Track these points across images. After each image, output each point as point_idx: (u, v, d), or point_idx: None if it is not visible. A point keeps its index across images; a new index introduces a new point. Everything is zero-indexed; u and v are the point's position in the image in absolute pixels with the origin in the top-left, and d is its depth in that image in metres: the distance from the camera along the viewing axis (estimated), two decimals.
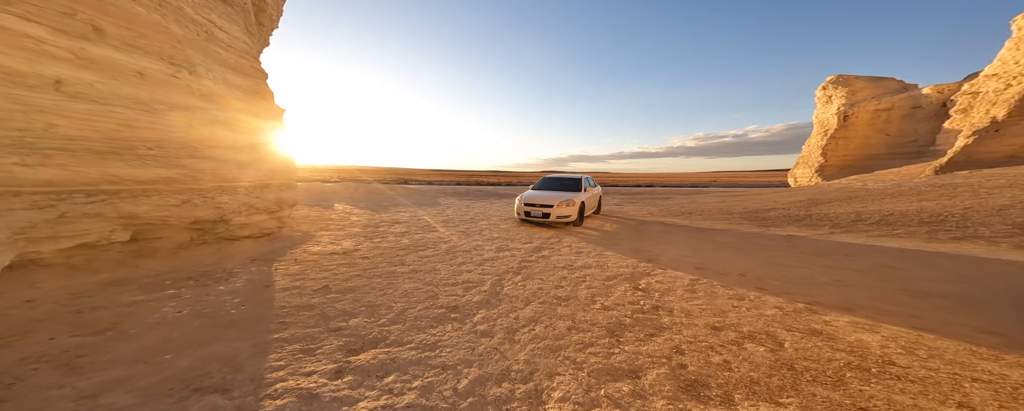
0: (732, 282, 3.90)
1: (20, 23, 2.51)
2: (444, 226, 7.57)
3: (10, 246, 2.37)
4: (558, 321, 2.83)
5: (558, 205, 7.47)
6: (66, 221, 2.70)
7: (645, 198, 17.75)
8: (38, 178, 2.54)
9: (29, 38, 2.55)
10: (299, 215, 8.01)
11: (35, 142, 2.53)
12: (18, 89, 2.47)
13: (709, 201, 14.29)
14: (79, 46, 2.90)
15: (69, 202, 2.73)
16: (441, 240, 6.02)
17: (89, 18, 2.99)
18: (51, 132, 2.61)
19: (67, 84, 2.78)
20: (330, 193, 14.30)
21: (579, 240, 6.31)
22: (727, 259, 4.99)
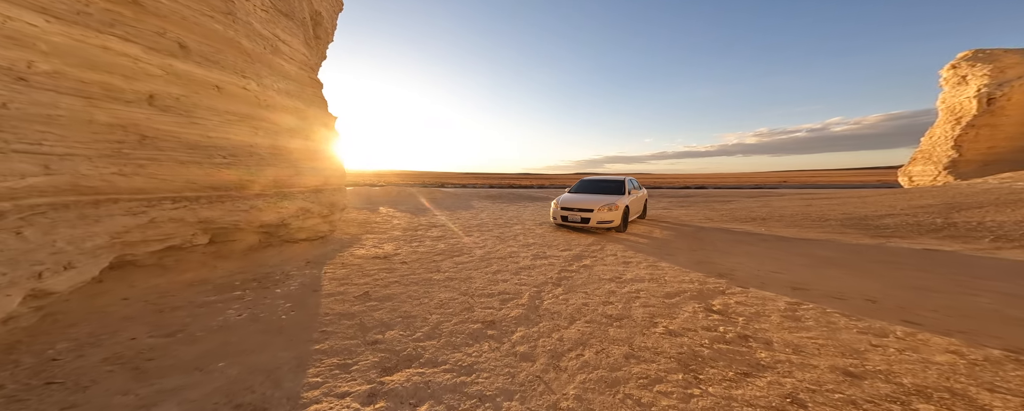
0: (857, 310, 3.10)
1: (120, 43, 2.71)
2: (479, 231, 7.48)
3: (109, 249, 2.56)
4: (612, 346, 2.50)
5: (599, 209, 7.06)
6: (155, 226, 2.91)
7: (698, 201, 16.12)
8: (132, 186, 2.74)
9: (127, 57, 2.76)
10: (349, 218, 8.39)
11: (131, 153, 2.73)
12: (118, 104, 2.67)
13: (788, 204, 12.59)
14: (168, 62, 3.11)
15: (158, 208, 2.93)
16: (475, 245, 5.93)
17: (176, 36, 3.20)
18: (144, 143, 2.80)
19: (158, 98, 2.99)
20: (375, 197, 14.95)
21: (625, 248, 5.87)
22: (837, 278, 4.11)
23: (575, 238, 6.72)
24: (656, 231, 7.69)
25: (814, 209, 10.58)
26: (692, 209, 12.56)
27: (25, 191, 2.03)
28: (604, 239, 6.65)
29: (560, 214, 7.47)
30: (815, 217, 9.09)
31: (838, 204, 11.53)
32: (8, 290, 1.82)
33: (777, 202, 13.94)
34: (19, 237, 1.90)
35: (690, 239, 6.70)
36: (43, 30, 2.26)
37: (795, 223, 8.41)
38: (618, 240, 6.56)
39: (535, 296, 3.56)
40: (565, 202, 7.57)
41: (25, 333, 2.22)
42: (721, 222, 8.97)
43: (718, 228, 8.05)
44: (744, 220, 9.27)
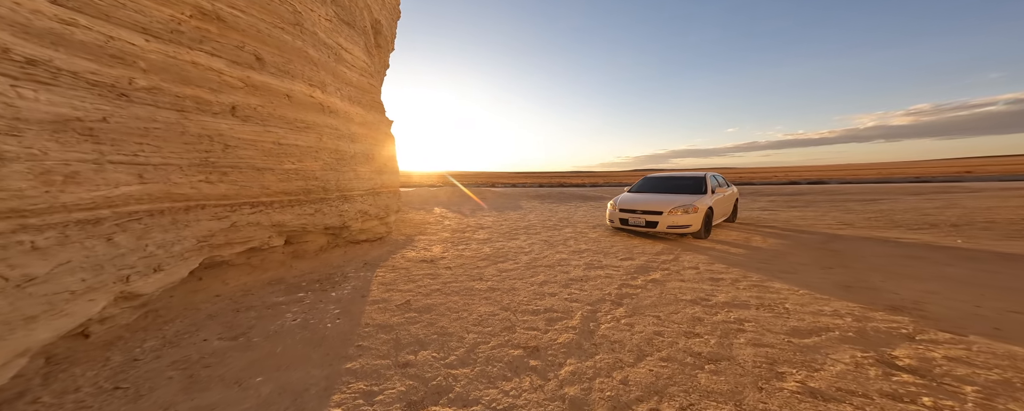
0: None
1: (207, 58, 2.85)
2: (525, 233, 7.05)
3: (197, 252, 2.71)
4: (706, 402, 1.83)
5: (671, 212, 6.02)
6: (236, 229, 3.07)
7: (820, 200, 12.42)
8: (217, 192, 2.90)
9: (213, 71, 2.89)
10: (406, 219, 8.69)
11: (216, 161, 2.89)
12: (206, 116, 2.82)
13: (999, 205, 8.94)
14: (247, 74, 3.25)
15: (239, 213, 3.10)
16: (521, 250, 5.51)
17: (253, 49, 3.34)
18: (227, 152, 2.94)
19: (239, 109, 3.13)
20: (430, 197, 15.55)
21: (710, 260, 4.83)
22: None
23: (638, 245, 5.89)
24: (756, 238, 6.21)
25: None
26: (811, 210, 9.79)
27: (121, 199, 2.16)
28: (678, 247, 5.67)
29: (618, 216, 6.64)
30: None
31: None
32: (91, 295, 1.91)
33: (971, 202, 9.91)
34: (109, 243, 2.02)
35: (818, 251, 5.13)
36: (143, 48, 2.42)
37: (1018, 233, 5.80)
38: (698, 249, 5.49)
39: (589, 317, 2.99)
40: (625, 202, 6.72)
41: (126, 330, 2.44)
42: (870, 229, 6.72)
43: (866, 237, 5.98)
44: (915, 227, 6.74)
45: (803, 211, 9.82)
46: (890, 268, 4.25)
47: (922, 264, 4.38)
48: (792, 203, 11.92)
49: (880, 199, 12.12)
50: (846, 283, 3.75)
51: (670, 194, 6.85)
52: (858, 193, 15.15)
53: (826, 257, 4.86)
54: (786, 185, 25.09)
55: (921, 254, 4.87)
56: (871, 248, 5.31)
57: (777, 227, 7.42)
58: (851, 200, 12.23)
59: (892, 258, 4.70)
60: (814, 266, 4.43)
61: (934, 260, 4.56)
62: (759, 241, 6.03)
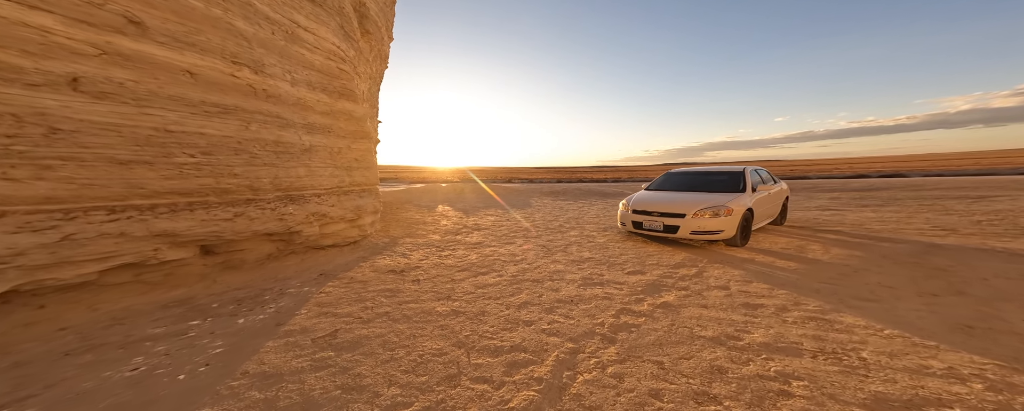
0: None
1: (21, 10, 1.99)
2: (523, 236, 5.92)
3: None
4: None
5: (696, 214, 4.66)
6: (77, 244, 2.25)
7: (903, 197, 9.84)
8: (31, 194, 2.06)
9: (33, 27, 2.03)
10: (403, 217, 7.89)
11: (28, 151, 2.05)
12: (12, 87, 1.97)
13: None
14: (107, 40, 2.40)
15: (82, 221, 2.25)
16: (512, 258, 4.41)
17: (122, 9, 2.46)
18: (54, 139, 2.11)
19: (87, 82, 2.29)
20: (439, 194, 14.80)
21: (747, 276, 3.53)
22: None
23: (654, 253, 4.55)
24: (813, 247, 4.67)
25: None
26: (892, 210, 7.59)
27: None
28: (704, 257, 4.32)
29: (631, 218, 5.29)
30: None
31: None
32: None
33: None
34: None
35: (912, 267, 3.60)
36: None
37: None
38: (731, 261, 4.14)
39: (565, 362, 2.02)
40: (640, 202, 5.36)
41: None
42: (984, 236, 4.92)
43: (982, 248, 4.30)
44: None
45: (880, 211, 7.63)
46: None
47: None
48: (863, 201, 9.53)
49: (990, 196, 9.23)
50: (964, 320, 2.38)
51: (699, 193, 5.40)
52: (954, 187, 11.78)
53: (926, 277, 3.33)
54: (852, 179, 21.19)
55: None
56: (993, 264, 3.66)
57: (844, 232, 5.67)
58: (947, 197, 9.51)
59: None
60: (908, 290, 2.99)
61: None
62: (817, 251, 4.47)
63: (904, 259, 3.95)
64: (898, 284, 3.14)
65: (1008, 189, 10.78)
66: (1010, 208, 7.23)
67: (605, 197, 13.76)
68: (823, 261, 3.98)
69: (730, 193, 5.14)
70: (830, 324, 2.34)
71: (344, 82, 5.60)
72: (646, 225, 5.09)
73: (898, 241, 4.87)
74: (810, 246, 4.73)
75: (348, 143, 5.45)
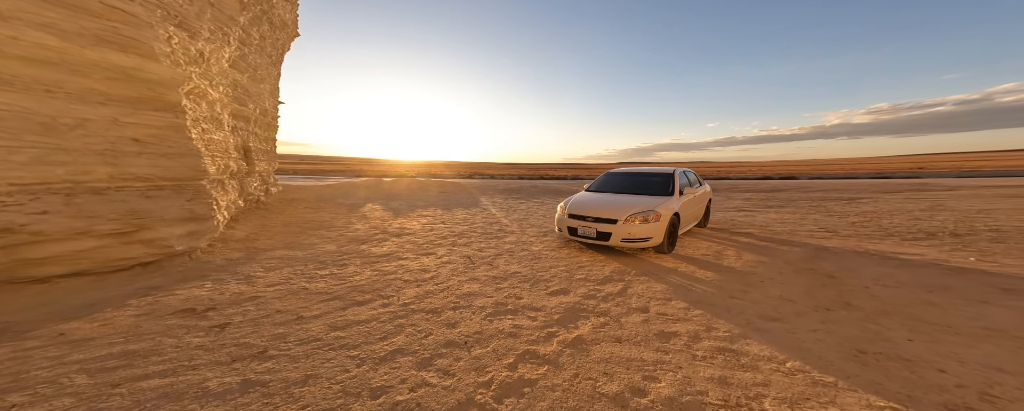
0: None
1: None
2: (450, 245, 5.27)
3: None
4: None
5: (628, 219, 4.46)
6: None
7: (798, 199, 10.95)
8: None
9: None
10: (304, 219, 6.82)
11: None
12: None
13: (994, 206, 7.72)
14: None
15: None
16: (419, 276, 3.72)
17: None
18: None
19: None
20: (380, 190, 13.52)
21: (668, 291, 3.35)
22: None
23: (587, 263, 4.26)
24: (729, 252, 4.80)
25: None
26: (790, 212, 8.40)
27: None
28: (633, 267, 4.11)
29: (566, 224, 4.97)
30: None
31: None
32: None
33: (956, 202, 8.74)
34: None
35: (808, 275, 3.76)
36: None
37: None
38: (657, 272, 3.97)
39: None
40: (576, 206, 5.04)
41: None
42: (859, 238, 5.43)
43: (859, 251, 4.68)
44: (910, 236, 5.45)
45: (780, 213, 8.44)
46: (910, 310, 2.86)
47: (949, 301, 3.02)
48: (768, 202, 10.58)
49: (859, 198, 10.93)
50: (858, 344, 2.33)
51: (632, 195, 5.25)
52: (832, 190, 14.20)
53: (819, 287, 3.44)
54: (761, 181, 24.01)
55: (939, 281, 3.49)
56: (872, 270, 3.91)
57: (754, 234, 6.01)
58: (828, 198, 11.02)
59: (906, 289, 3.33)
60: (806, 305, 2.99)
61: (961, 293, 3.20)
62: (732, 257, 4.53)
63: (801, 264, 4.14)
64: (797, 296, 3.17)
65: (869, 192, 12.76)
66: (873, 209, 8.35)
67: (561, 195, 13.66)
68: (736, 270, 3.99)
69: (660, 196, 5.05)
70: (737, 358, 2.14)
71: (118, 26, 3.75)
72: (580, 232, 4.80)
73: (794, 244, 5.21)
74: (726, 252, 4.81)
75: (114, 114, 3.71)
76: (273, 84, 9.17)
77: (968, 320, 2.63)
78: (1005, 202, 8.50)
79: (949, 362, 2.10)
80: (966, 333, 2.44)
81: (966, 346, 2.28)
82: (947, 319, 2.66)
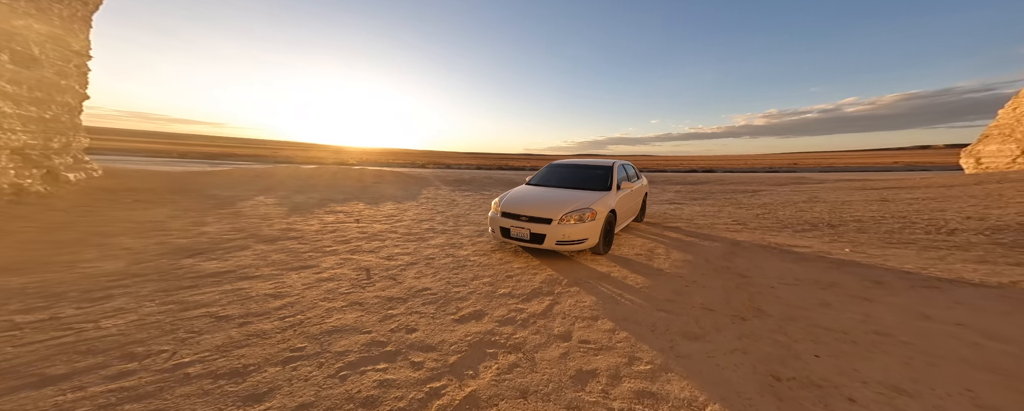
0: None
1: None
2: (346, 252, 4.28)
3: None
4: None
5: (563, 218, 4.00)
6: None
7: (716, 192, 12.06)
8: None
9: None
10: (116, 219, 5.17)
11: None
12: None
13: (852, 199, 8.68)
14: None
15: None
16: (265, 305, 2.69)
17: None
18: None
19: None
20: (292, 181, 11.60)
21: (597, 306, 2.91)
22: None
23: (517, 272, 3.71)
24: (660, 249, 4.66)
25: (901, 209, 7.02)
26: (711, 204, 9.00)
27: None
28: (568, 273, 3.67)
29: (499, 224, 4.35)
30: (925, 224, 5.69)
31: (934, 200, 7.73)
32: None
33: (826, 194, 9.97)
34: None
35: (726, 275, 3.69)
36: None
37: (895, 236, 5.10)
38: (591, 276, 3.59)
39: None
40: (510, 203, 4.44)
41: None
42: (764, 232, 5.75)
43: (765, 245, 4.90)
44: (799, 228, 5.96)
45: (703, 205, 9.05)
46: (811, 315, 2.81)
47: (839, 300, 3.08)
48: (694, 195, 11.45)
49: (759, 190, 12.51)
50: (772, 366, 2.13)
51: (571, 190, 4.82)
52: (740, 183, 16.21)
53: (735, 288, 3.36)
54: (688, 173, 26.82)
55: (828, 278, 3.62)
56: (775, 266, 4.01)
57: (681, 228, 6.14)
58: (738, 191, 12.37)
59: (803, 288, 3.37)
60: (725, 315, 2.82)
61: (846, 289, 3.31)
62: (662, 257, 4.39)
63: (719, 263, 4.10)
64: (717, 303, 3.01)
65: (765, 185, 14.77)
66: (770, 201, 9.43)
67: (512, 186, 13.14)
68: (665, 273, 3.80)
69: (598, 191, 4.67)
70: (656, 402, 1.78)
71: None
72: (513, 233, 4.22)
73: (714, 239, 5.31)
74: (657, 250, 4.67)
75: None
76: (58, 26, 6.49)
77: (859, 324, 2.65)
78: (859, 194, 9.92)
79: (854, 384, 1.98)
80: (861, 342, 2.42)
81: (864, 358, 2.22)
82: (842, 323, 2.65)
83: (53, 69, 6.47)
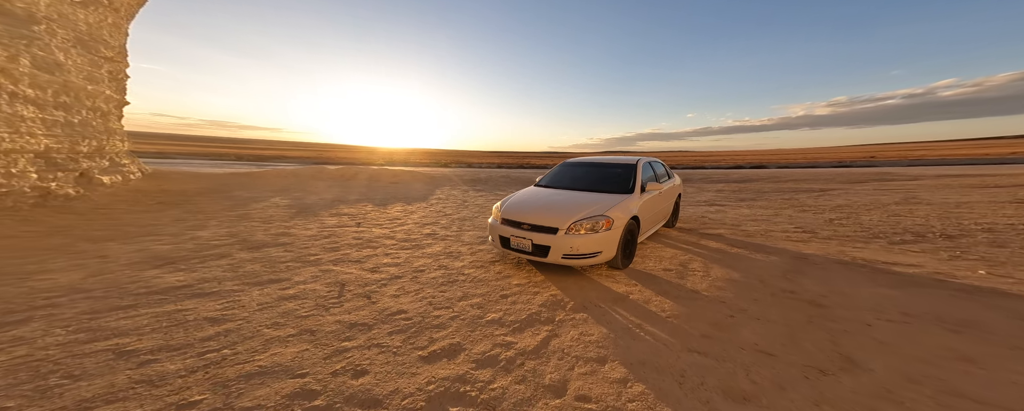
0: None
1: None
2: (330, 261, 3.81)
3: None
4: None
5: (571, 228, 3.29)
6: None
7: (769, 192, 9.97)
8: None
9: None
10: (129, 223, 5.12)
11: None
12: None
13: (963, 199, 7.08)
14: None
15: None
16: (196, 334, 2.22)
17: None
18: None
19: None
20: (313, 182, 11.63)
21: (605, 341, 2.16)
22: None
23: (516, 291, 3.06)
24: (695, 264, 3.78)
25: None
26: (762, 206, 7.50)
27: None
28: (576, 293, 2.97)
29: (499, 232, 3.70)
30: None
31: None
32: None
33: (929, 194, 8.12)
34: None
35: (787, 301, 2.76)
36: None
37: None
38: (604, 297, 2.87)
39: None
40: (512, 208, 3.79)
41: None
42: (842, 242, 4.52)
43: (846, 261, 3.77)
44: (897, 237, 4.63)
45: (753, 207, 7.66)
46: (946, 378, 1.82)
47: (987, 353, 2.03)
48: (741, 194, 9.90)
49: (829, 189, 10.56)
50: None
51: (585, 193, 4.07)
52: (801, 180, 14.14)
53: (805, 323, 2.45)
54: (733, 170, 23.89)
55: (959, 314, 2.54)
56: (866, 292, 2.98)
57: (725, 235, 5.08)
58: (799, 190, 10.59)
59: (919, 328, 2.35)
60: (791, 363, 1.98)
61: (995, 333, 2.25)
62: (699, 273, 3.51)
63: (778, 284, 3.14)
64: (777, 345, 2.16)
65: (837, 182, 12.64)
66: (847, 203, 7.84)
67: (528, 186, 12.42)
68: (701, 295, 2.94)
69: (617, 194, 3.90)
70: None
71: None
72: (513, 243, 3.56)
73: (769, 250, 4.26)
74: (692, 264, 3.76)
75: None
76: (83, 32, 6.60)
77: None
78: (979, 193, 8.03)
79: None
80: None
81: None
82: (1004, 396, 1.70)
83: (80, 74, 6.68)
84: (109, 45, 7.55)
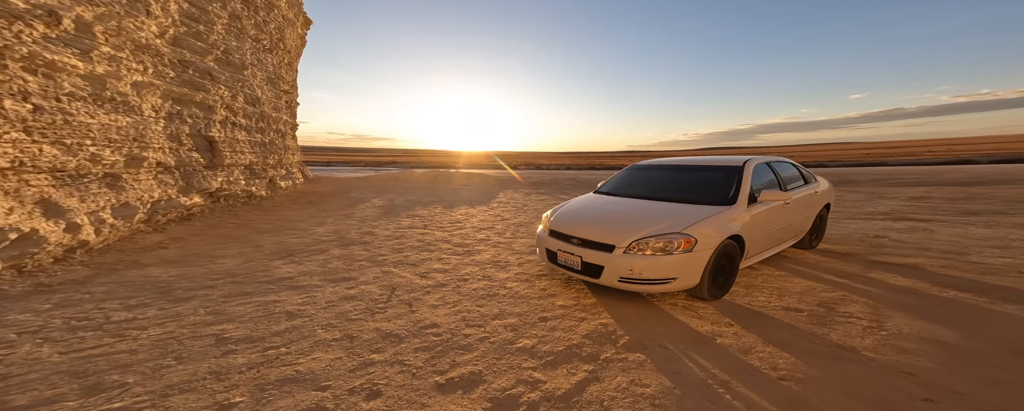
0: None
1: None
2: (393, 261, 3.99)
3: None
4: None
5: (632, 246, 2.61)
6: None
7: (1021, 200, 6.24)
8: None
9: None
10: (277, 218, 6.39)
11: None
12: None
13: None
14: None
15: None
16: (285, 329, 2.49)
17: None
18: None
19: None
20: (403, 184, 13.29)
21: (677, 394, 1.54)
22: None
23: (559, 314, 2.67)
24: (852, 306, 2.53)
25: None
26: (1018, 224, 4.77)
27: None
28: (634, 325, 2.36)
29: (546, 245, 3.27)
30: None
31: None
32: None
33: None
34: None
35: None
36: None
37: None
38: (676, 336, 2.16)
39: None
40: (562, 219, 3.30)
41: None
42: None
43: None
44: None
45: (996, 226, 4.69)
46: None
47: None
48: (968, 204, 6.17)
49: None
50: None
51: (659, 202, 3.25)
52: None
53: None
54: (949, 166, 15.47)
55: None
56: None
57: (926, 268, 3.32)
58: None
59: None
60: None
61: None
62: (858, 323, 2.37)
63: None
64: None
65: None
66: None
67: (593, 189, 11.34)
68: (858, 355, 1.83)
69: (708, 206, 2.94)
70: None
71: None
72: (561, 258, 3.09)
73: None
74: (845, 308, 2.47)
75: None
76: (271, 72, 8.92)
77: None
78: None
79: None
80: None
81: None
82: None
83: (269, 105, 9.35)
84: (286, 81, 10.32)
